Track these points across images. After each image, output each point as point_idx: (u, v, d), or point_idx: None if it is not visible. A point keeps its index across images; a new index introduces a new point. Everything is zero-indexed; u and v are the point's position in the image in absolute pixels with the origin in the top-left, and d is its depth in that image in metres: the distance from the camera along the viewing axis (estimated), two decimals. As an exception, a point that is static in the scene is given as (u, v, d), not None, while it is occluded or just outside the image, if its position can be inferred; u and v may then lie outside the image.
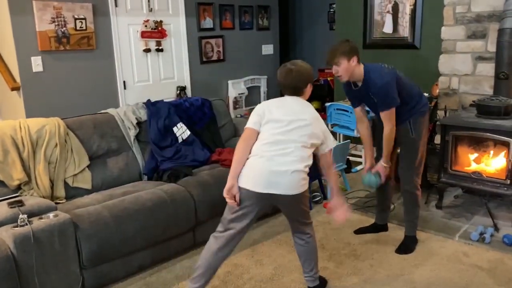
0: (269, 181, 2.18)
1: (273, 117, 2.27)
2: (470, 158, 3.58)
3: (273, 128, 2.25)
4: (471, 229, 3.27)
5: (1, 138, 2.80)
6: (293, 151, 2.21)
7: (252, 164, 2.23)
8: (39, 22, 3.98)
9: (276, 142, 2.22)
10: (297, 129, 2.24)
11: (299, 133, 2.24)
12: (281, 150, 2.20)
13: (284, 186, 2.19)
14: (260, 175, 2.19)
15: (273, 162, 2.19)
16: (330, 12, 7.03)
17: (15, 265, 2.24)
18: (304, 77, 2.34)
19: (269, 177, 2.18)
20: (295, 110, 2.30)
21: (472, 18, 3.94)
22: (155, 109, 3.59)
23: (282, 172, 2.18)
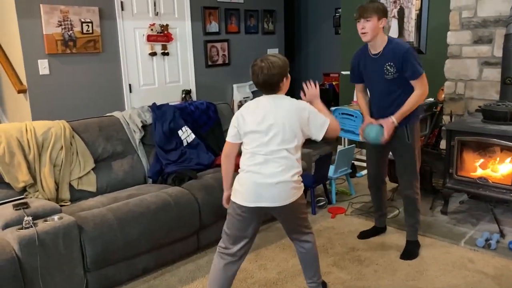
0: (257, 195, 2.15)
1: (249, 129, 2.16)
2: (476, 163, 3.56)
3: (252, 141, 2.16)
4: (477, 235, 3.25)
5: (8, 140, 2.81)
6: (276, 162, 2.13)
7: (240, 179, 2.21)
8: (46, 25, 4.01)
9: (260, 155, 2.14)
10: (275, 137, 2.13)
11: (278, 140, 2.13)
12: (264, 162, 2.13)
13: (271, 198, 2.15)
14: (248, 189, 2.16)
15: (258, 176, 2.13)
16: (335, 16, 7.03)
17: (19, 267, 2.24)
18: (277, 71, 2.14)
19: (256, 190, 2.15)
20: (269, 114, 2.14)
21: (478, 23, 3.93)
22: (160, 112, 3.60)
23: (267, 185, 2.13)
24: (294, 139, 2.16)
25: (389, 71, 2.79)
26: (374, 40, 2.80)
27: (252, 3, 5.90)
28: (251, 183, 2.16)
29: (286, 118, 2.15)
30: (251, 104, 2.23)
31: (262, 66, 2.14)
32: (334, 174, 3.99)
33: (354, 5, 5.18)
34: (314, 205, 3.80)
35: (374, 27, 2.74)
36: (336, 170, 3.99)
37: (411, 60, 2.73)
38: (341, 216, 3.75)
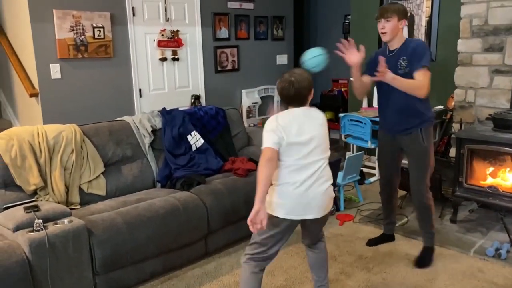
0: (303, 208, 2.18)
1: (293, 140, 2.17)
2: (486, 172, 3.53)
3: (296, 153, 2.17)
4: (487, 245, 3.22)
5: (19, 143, 2.85)
6: (320, 172, 2.20)
7: (283, 192, 2.18)
8: (58, 30, 4.06)
9: (304, 167, 2.17)
10: (317, 148, 2.21)
11: (319, 151, 2.21)
12: (310, 175, 2.17)
13: (317, 209, 2.20)
14: (295, 203, 2.17)
15: (306, 188, 2.16)
16: (345, 23, 7.04)
17: (29, 269, 2.26)
18: (306, 84, 2.24)
19: (305, 204, 2.17)
20: (308, 126, 2.23)
21: (489, 31, 3.91)
22: (170, 117, 3.63)
23: (315, 197, 2.18)
24: (327, 149, 2.27)
25: (401, 65, 2.81)
26: (393, 40, 2.86)
27: (262, 9, 5.93)
28: (297, 196, 2.16)
29: (321, 129, 2.26)
30: (287, 116, 2.25)
31: (292, 80, 2.22)
32: (343, 181, 3.98)
33: (364, 12, 5.23)
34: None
35: (393, 28, 2.80)
36: (344, 177, 3.98)
37: (420, 51, 2.76)
38: (349, 223, 3.73)
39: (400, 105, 2.87)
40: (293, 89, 2.22)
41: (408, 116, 2.86)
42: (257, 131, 4.42)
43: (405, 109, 2.86)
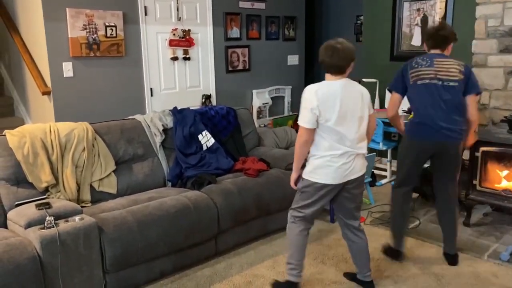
0: (344, 175, 2.43)
1: (331, 117, 2.34)
2: (500, 175, 3.48)
3: (334, 128, 2.37)
4: (501, 249, 3.16)
5: (32, 140, 2.86)
6: (357, 144, 2.42)
7: (324, 165, 2.42)
8: (71, 29, 4.08)
9: (340, 140, 2.39)
10: (354, 120, 2.40)
11: (357, 123, 2.41)
12: (347, 149, 2.40)
13: (354, 173, 2.45)
14: (336, 173, 2.41)
15: (343, 162, 2.40)
16: (357, 23, 6.99)
17: (41, 266, 2.27)
18: (350, 55, 2.36)
19: (344, 172, 2.42)
20: (347, 100, 2.37)
21: (505, 32, 3.86)
22: (181, 116, 3.62)
23: (351, 167, 2.43)
24: (364, 118, 2.44)
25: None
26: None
27: (273, 9, 5.91)
28: (339, 169, 2.40)
29: (360, 102, 2.42)
30: (326, 88, 2.38)
31: (338, 47, 2.34)
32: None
33: (376, 13, 5.18)
34: (332, 214, 3.75)
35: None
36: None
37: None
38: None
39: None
40: (337, 56, 2.33)
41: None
42: (267, 131, 4.40)
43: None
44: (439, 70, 2.81)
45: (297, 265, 2.59)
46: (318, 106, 2.33)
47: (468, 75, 2.84)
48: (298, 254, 2.59)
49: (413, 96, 2.89)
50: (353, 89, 2.43)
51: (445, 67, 2.82)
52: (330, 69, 2.38)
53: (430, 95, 2.79)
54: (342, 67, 2.36)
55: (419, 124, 2.85)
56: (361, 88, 2.48)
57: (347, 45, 2.37)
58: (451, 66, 2.82)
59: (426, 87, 2.81)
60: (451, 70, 2.81)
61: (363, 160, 2.51)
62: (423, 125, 2.82)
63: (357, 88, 2.45)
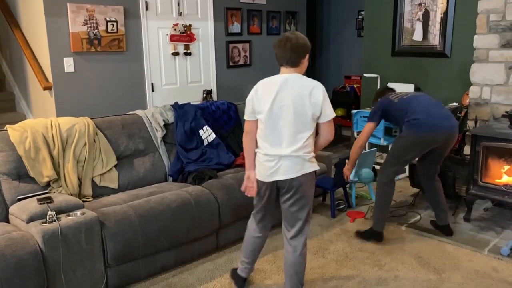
0: (269, 173, 2.32)
1: (264, 109, 2.29)
2: (501, 170, 3.48)
3: (267, 121, 2.30)
4: (501, 244, 3.17)
5: (33, 135, 2.86)
6: (293, 142, 2.28)
7: (257, 160, 2.39)
8: (72, 24, 4.08)
9: (275, 135, 2.30)
10: (289, 116, 2.26)
11: (293, 120, 2.26)
12: (280, 143, 2.31)
13: (286, 172, 2.28)
14: (263, 170, 2.35)
15: (269, 159, 2.32)
16: (358, 19, 6.98)
17: (42, 260, 2.28)
18: (302, 47, 2.24)
19: (268, 170, 2.32)
20: (288, 93, 2.23)
21: (507, 27, 3.84)
22: (182, 111, 3.62)
23: (283, 164, 2.29)
24: (307, 120, 2.24)
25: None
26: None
27: (274, 4, 5.90)
28: (261, 162, 2.33)
29: (303, 99, 2.22)
30: (268, 82, 2.31)
31: (291, 37, 2.24)
32: (355, 177, 3.94)
33: (378, 8, 5.17)
34: (333, 209, 3.76)
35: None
36: (356, 174, 3.94)
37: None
38: (361, 220, 3.71)
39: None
40: (290, 44, 2.22)
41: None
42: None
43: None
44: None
45: (244, 262, 2.62)
46: (253, 98, 2.30)
47: None
48: (246, 251, 2.60)
49: (405, 105, 3.18)
50: (300, 86, 2.22)
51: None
52: (282, 60, 2.26)
53: (424, 100, 3.21)
54: (293, 59, 2.23)
55: (426, 120, 3.07)
56: (313, 87, 2.22)
57: (301, 37, 2.26)
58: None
59: (417, 95, 3.29)
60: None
61: (301, 163, 2.25)
62: (430, 120, 3.08)
63: (307, 86, 2.23)
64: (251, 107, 2.32)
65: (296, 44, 2.22)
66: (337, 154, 5.19)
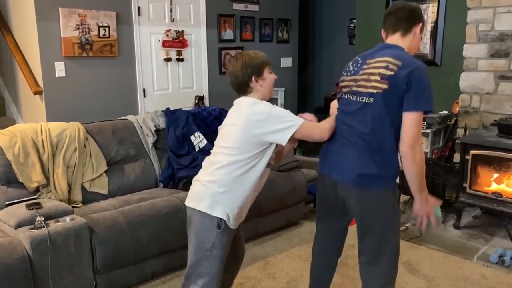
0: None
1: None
2: (490, 178, 3.51)
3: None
4: (490, 251, 3.19)
5: (23, 140, 2.84)
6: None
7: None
8: (64, 29, 4.06)
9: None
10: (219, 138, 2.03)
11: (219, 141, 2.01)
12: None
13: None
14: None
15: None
16: (350, 26, 7.03)
17: (30, 266, 2.26)
18: (239, 68, 1.91)
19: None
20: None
21: (496, 37, 3.90)
22: (173, 117, 3.62)
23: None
24: (226, 143, 1.94)
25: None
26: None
27: (267, 11, 5.93)
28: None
29: (233, 118, 1.95)
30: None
31: (229, 69, 1.99)
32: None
33: (369, 16, 5.22)
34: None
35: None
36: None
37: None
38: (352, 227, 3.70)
39: None
40: (229, 75, 1.98)
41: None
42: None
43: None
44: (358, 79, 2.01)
45: None
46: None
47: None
48: None
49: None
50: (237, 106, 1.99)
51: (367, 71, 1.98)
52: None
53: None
54: (237, 85, 1.97)
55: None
56: (244, 105, 1.93)
57: (247, 54, 1.97)
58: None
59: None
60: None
61: (201, 191, 1.97)
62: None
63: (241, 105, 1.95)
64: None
65: (232, 71, 1.98)
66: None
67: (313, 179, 3.86)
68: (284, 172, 3.58)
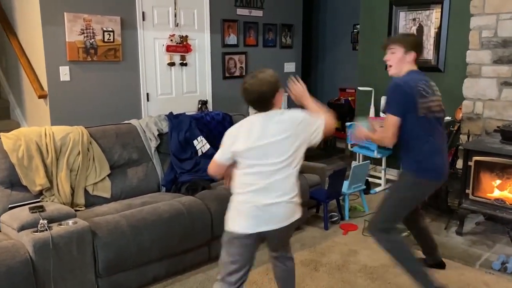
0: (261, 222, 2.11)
1: (239, 149, 2.10)
2: (493, 184, 3.50)
3: (247, 162, 2.11)
4: (493, 258, 3.18)
5: (27, 144, 2.86)
6: (278, 183, 2.12)
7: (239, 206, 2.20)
8: (69, 33, 4.10)
9: (257, 180, 2.12)
10: (271, 156, 2.09)
11: (275, 160, 2.09)
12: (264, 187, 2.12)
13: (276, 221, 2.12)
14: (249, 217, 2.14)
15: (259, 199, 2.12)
16: (353, 32, 7.04)
17: (33, 269, 2.27)
18: (266, 87, 2.06)
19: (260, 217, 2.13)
20: (264, 132, 2.06)
21: (499, 43, 3.90)
22: (176, 121, 3.64)
23: (271, 210, 2.13)
24: (290, 159, 2.06)
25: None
26: (398, 75, 2.58)
27: (271, 17, 5.95)
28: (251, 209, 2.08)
29: (281, 135, 2.05)
30: (244, 123, 2.15)
31: (252, 83, 2.09)
32: (348, 189, 3.96)
33: (372, 22, 5.23)
34: (326, 221, 3.77)
35: (399, 59, 2.56)
36: (350, 186, 3.96)
37: (387, 96, 2.56)
38: (354, 233, 3.71)
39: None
40: (254, 94, 2.09)
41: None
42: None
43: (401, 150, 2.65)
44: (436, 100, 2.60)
45: None
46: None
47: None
48: None
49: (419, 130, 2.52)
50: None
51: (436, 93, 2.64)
52: (253, 106, 2.16)
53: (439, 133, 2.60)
54: (263, 102, 2.09)
55: (432, 163, 2.56)
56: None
57: (262, 77, 2.09)
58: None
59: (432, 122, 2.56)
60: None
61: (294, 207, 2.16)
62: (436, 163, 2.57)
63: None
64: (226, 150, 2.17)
65: (259, 91, 2.08)
66: (331, 166, 5.20)
67: (315, 184, 3.87)
68: (286, 177, 3.58)
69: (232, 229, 2.12)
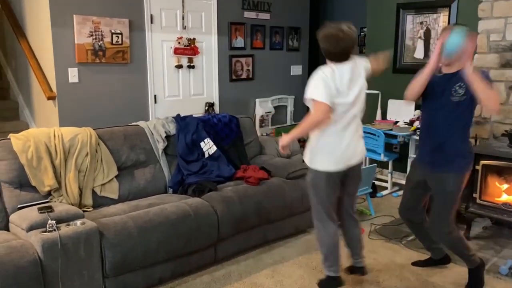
0: (345, 160, 2.63)
1: (341, 99, 2.56)
2: (500, 188, 3.49)
3: (341, 109, 2.58)
4: (500, 263, 3.16)
5: (36, 145, 2.89)
6: (357, 127, 2.73)
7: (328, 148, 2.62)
8: (78, 35, 4.14)
9: (346, 124, 2.63)
10: (358, 104, 2.68)
11: (359, 106, 2.69)
12: (353, 132, 2.68)
13: (355, 157, 2.68)
14: (338, 157, 2.61)
15: (347, 144, 2.65)
16: (360, 36, 7.04)
17: (41, 269, 2.29)
18: (352, 42, 2.50)
19: (346, 157, 2.63)
20: (355, 80, 2.58)
21: (507, 47, 3.89)
22: (184, 123, 3.65)
23: (354, 151, 2.67)
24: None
25: (457, 92, 2.57)
26: (454, 63, 2.61)
27: (278, 20, 5.97)
28: (340, 151, 2.60)
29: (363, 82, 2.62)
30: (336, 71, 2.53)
31: (341, 36, 2.44)
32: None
33: (380, 25, 5.23)
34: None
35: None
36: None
37: (482, 75, 2.54)
38: (360, 235, 3.69)
39: (442, 129, 2.63)
40: (341, 44, 2.45)
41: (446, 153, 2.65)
42: (269, 140, 4.43)
43: (445, 135, 2.64)
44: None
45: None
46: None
47: None
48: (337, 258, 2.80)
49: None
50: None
51: None
52: (334, 56, 2.52)
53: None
54: (348, 52, 2.49)
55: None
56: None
57: (349, 32, 2.46)
58: None
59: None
60: None
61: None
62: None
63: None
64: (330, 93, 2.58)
65: (347, 41, 2.51)
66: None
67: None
68: (292, 179, 3.59)
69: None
